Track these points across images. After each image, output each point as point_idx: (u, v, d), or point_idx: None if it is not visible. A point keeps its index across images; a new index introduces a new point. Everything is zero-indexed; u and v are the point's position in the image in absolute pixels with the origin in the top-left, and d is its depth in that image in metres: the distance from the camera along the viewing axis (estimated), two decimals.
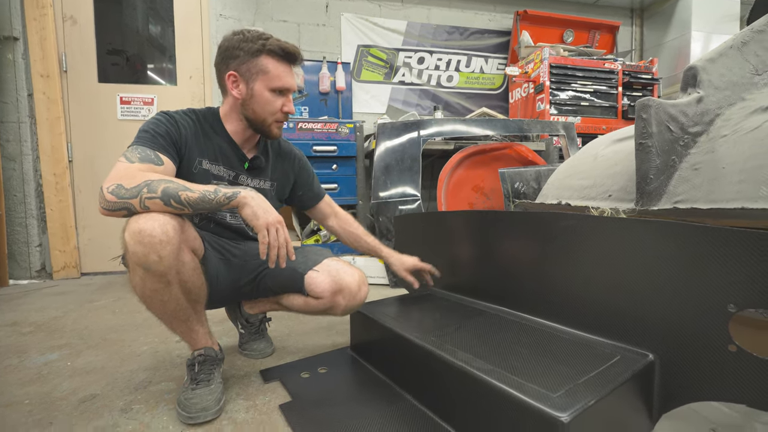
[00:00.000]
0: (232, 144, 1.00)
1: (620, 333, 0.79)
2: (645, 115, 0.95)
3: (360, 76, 2.91)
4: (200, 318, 0.91)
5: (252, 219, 0.79)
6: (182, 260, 0.81)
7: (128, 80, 2.52)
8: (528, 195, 1.96)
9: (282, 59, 0.94)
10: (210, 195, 0.77)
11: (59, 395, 0.93)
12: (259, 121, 0.97)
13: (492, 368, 0.71)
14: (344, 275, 0.99)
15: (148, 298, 0.81)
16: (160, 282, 0.78)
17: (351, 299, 0.98)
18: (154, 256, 0.74)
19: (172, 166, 0.87)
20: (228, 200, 0.79)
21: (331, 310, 1.00)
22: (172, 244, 0.76)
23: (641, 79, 2.78)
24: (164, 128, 0.89)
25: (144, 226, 0.73)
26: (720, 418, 0.79)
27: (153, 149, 0.85)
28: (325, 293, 0.97)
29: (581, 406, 0.59)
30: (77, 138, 2.40)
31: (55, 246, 2.34)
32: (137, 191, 0.74)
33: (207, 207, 0.78)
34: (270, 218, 0.80)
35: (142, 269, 0.75)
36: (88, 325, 1.46)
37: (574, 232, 0.88)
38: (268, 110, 0.96)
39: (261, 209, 0.80)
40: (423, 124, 2.09)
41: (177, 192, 0.75)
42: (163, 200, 0.74)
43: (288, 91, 0.97)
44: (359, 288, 1.00)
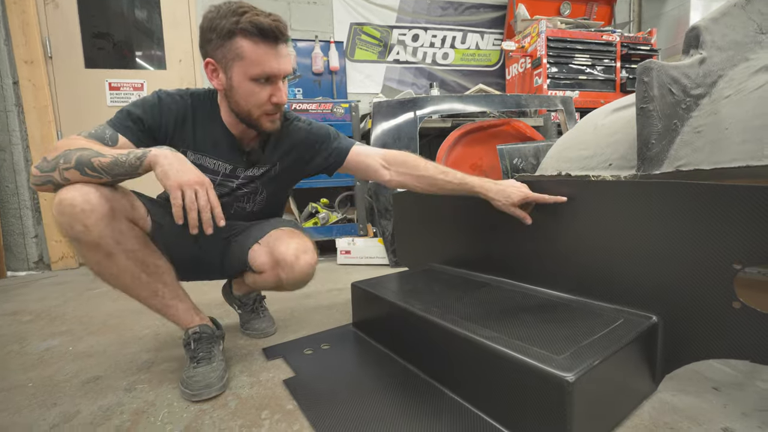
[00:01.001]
0: (229, 136, 0.92)
1: (624, 297, 0.79)
2: (647, 78, 0.92)
3: (354, 56, 2.85)
4: (174, 292, 0.87)
5: (162, 179, 0.71)
6: (119, 229, 0.76)
7: (116, 65, 2.46)
8: (527, 171, 1.94)
9: (260, 39, 0.78)
10: (122, 158, 0.72)
11: (62, 378, 0.93)
12: (245, 115, 0.86)
13: (496, 335, 0.70)
14: (279, 245, 0.90)
15: (99, 273, 0.79)
16: (98, 253, 0.75)
17: (289, 271, 0.89)
18: (78, 225, 0.71)
19: (129, 145, 0.81)
20: (139, 161, 0.72)
21: (280, 286, 0.95)
22: (96, 212, 0.72)
23: (640, 50, 2.72)
24: (140, 110, 0.84)
25: (65, 195, 0.71)
26: (722, 378, 0.80)
27: (115, 129, 0.81)
28: (264, 266, 0.92)
29: (586, 366, 0.59)
30: (67, 126, 2.35)
31: (52, 237, 2.32)
32: (55, 163, 0.71)
33: (122, 171, 0.72)
34: (184, 178, 0.70)
35: (75, 241, 0.74)
36: (88, 312, 1.46)
37: (575, 199, 0.87)
38: (252, 102, 0.83)
39: (173, 169, 0.71)
40: (419, 102, 2.05)
41: (89, 159, 0.71)
42: (77, 169, 0.71)
43: (274, 77, 0.82)
44: (296, 257, 0.89)
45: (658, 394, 0.74)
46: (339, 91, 2.76)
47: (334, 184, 2.29)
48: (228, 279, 1.18)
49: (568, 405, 0.56)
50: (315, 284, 1.68)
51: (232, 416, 0.74)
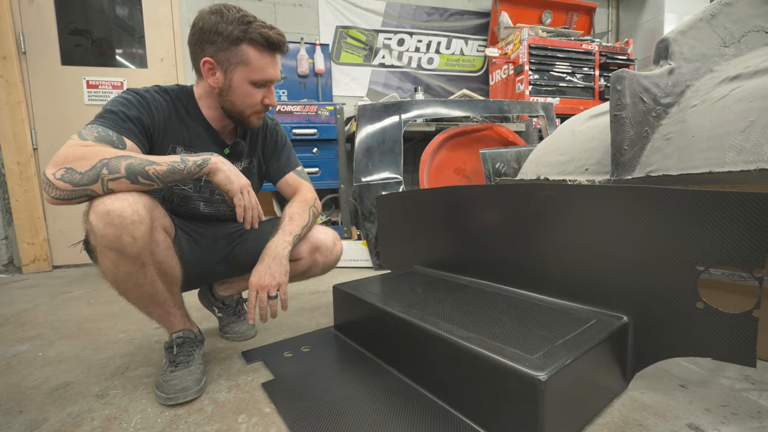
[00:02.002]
0: (211, 130, 0.94)
1: (596, 298, 0.81)
2: (619, 86, 0.96)
3: (339, 59, 2.85)
4: (177, 300, 0.89)
5: (226, 183, 0.79)
6: (156, 240, 0.77)
7: (94, 63, 2.39)
8: (509, 175, 1.98)
9: (265, 49, 0.85)
10: (179, 165, 0.74)
11: (29, 384, 0.90)
12: (237, 113, 0.91)
13: (473, 335, 0.72)
14: (319, 234, 1.02)
15: (122, 283, 0.77)
16: (134, 264, 0.74)
17: (329, 254, 1.02)
18: (127, 237, 0.70)
19: (138, 151, 0.80)
20: (199, 168, 0.77)
21: (309, 271, 1.03)
22: (144, 224, 0.73)
23: (617, 60, 2.82)
24: (134, 111, 0.81)
25: (112, 206, 0.69)
26: (688, 375, 0.83)
27: (117, 132, 0.77)
28: (302, 253, 0.99)
29: (558, 365, 0.60)
30: (42, 124, 2.27)
31: (23, 239, 2.23)
32: (95, 174, 0.68)
33: (177, 178, 0.75)
34: (242, 181, 0.81)
35: (115, 252, 0.72)
36: (60, 316, 1.41)
37: (551, 203, 0.90)
38: (247, 103, 0.89)
39: (233, 173, 0.80)
40: (404, 106, 2.07)
41: (143, 167, 0.71)
42: (129, 179, 0.70)
43: (270, 83, 0.90)
44: (334, 244, 1.04)
45: (628, 392, 0.77)
46: (324, 93, 2.76)
47: (319, 186, 2.28)
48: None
49: (540, 403, 0.57)
50: (298, 286, 1.67)
51: (208, 420, 0.73)
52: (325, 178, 2.30)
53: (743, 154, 0.75)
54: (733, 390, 0.76)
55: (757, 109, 0.78)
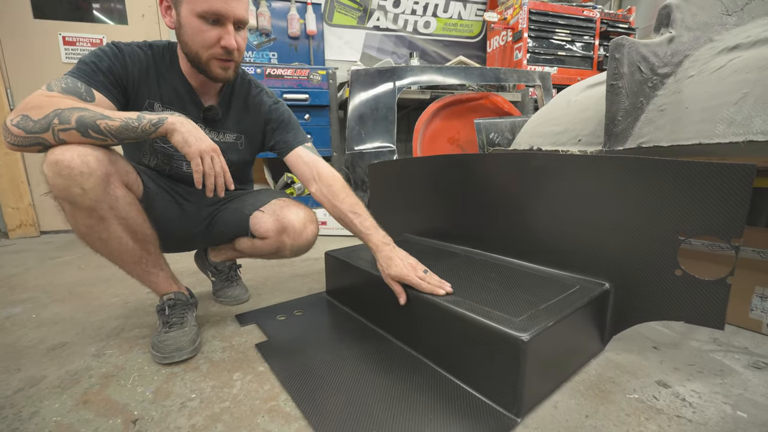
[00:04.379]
0: (187, 86, 0.90)
1: (582, 266, 0.84)
2: (618, 54, 0.94)
3: (332, 20, 2.72)
4: (157, 261, 0.88)
5: (183, 146, 0.74)
6: (113, 194, 0.76)
7: (70, 17, 2.25)
8: (503, 145, 1.97)
9: None
10: (133, 122, 0.71)
11: (26, 344, 0.91)
12: (193, 56, 0.82)
13: (460, 300, 0.74)
14: (288, 213, 0.94)
15: (86, 236, 0.78)
16: (90, 217, 0.74)
17: (296, 238, 0.94)
18: (76, 188, 0.70)
19: (109, 104, 0.78)
20: (154, 127, 0.73)
21: (279, 252, 0.97)
22: (95, 176, 0.71)
23: (618, 28, 2.74)
24: (107, 63, 0.79)
25: (61, 156, 0.68)
26: (661, 338, 0.88)
27: (87, 84, 0.76)
28: (269, 233, 0.93)
29: (540, 327, 0.63)
30: (18, 83, 2.16)
31: (7, 203, 2.19)
32: (47, 123, 0.67)
33: (132, 136, 0.72)
34: (203, 145, 0.75)
35: (68, 204, 0.72)
36: (52, 280, 1.41)
37: (542, 172, 0.90)
38: (199, 42, 0.80)
39: (192, 136, 0.74)
40: (398, 72, 2.01)
41: (94, 120, 0.69)
42: (79, 131, 0.69)
43: (222, 18, 0.78)
44: (304, 226, 0.95)
45: (605, 353, 0.81)
46: (316, 57, 2.65)
47: None
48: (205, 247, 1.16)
49: (522, 362, 0.61)
50: None
51: (203, 378, 0.76)
52: (317, 145, 2.24)
53: (733, 126, 0.76)
54: (701, 351, 0.82)
55: (752, 80, 0.78)
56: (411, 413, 0.63)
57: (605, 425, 0.60)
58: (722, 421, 0.61)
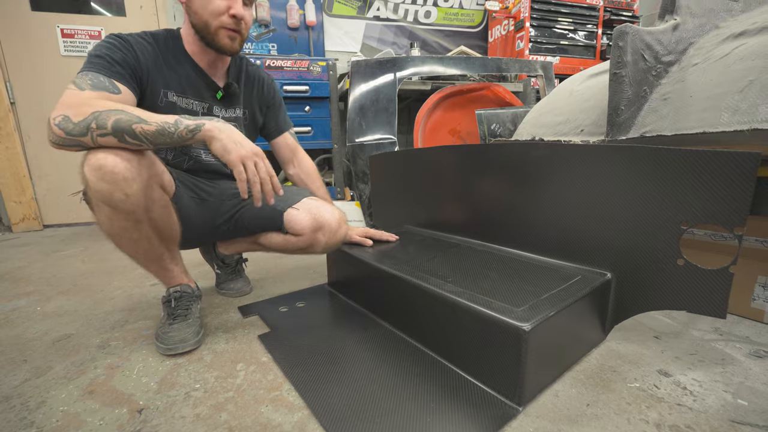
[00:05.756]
0: (199, 71, 0.91)
1: (584, 256, 0.84)
2: (621, 42, 0.93)
3: (332, 10, 2.69)
4: (174, 257, 0.90)
5: (223, 154, 0.72)
6: (151, 197, 0.77)
7: (68, 9, 2.23)
8: (504, 136, 1.96)
9: None
10: (170, 128, 0.70)
11: (31, 336, 0.92)
12: (202, 26, 0.84)
13: (462, 290, 0.74)
14: (324, 212, 0.95)
15: (117, 237, 0.77)
16: (128, 220, 0.74)
17: (331, 236, 0.96)
18: (119, 194, 0.70)
19: (131, 96, 0.78)
20: (191, 134, 0.71)
21: (310, 248, 0.97)
22: (138, 181, 0.71)
23: (622, 16, 2.70)
24: (119, 54, 0.78)
25: (104, 162, 0.68)
26: (663, 327, 0.88)
27: (107, 76, 0.75)
28: (305, 230, 0.94)
29: (542, 317, 0.63)
30: (17, 77, 2.15)
31: (10, 197, 2.19)
32: (86, 126, 0.66)
33: (168, 141, 0.71)
34: (243, 151, 0.72)
35: (108, 207, 0.71)
36: (56, 273, 1.42)
37: (543, 162, 0.90)
38: (209, 10, 0.82)
39: (231, 141, 0.72)
40: (399, 62, 1.99)
41: (130, 125, 0.68)
42: (116, 136, 0.68)
43: None
44: (339, 225, 0.97)
45: (606, 342, 0.81)
46: (316, 48, 2.63)
47: (311, 146, 2.24)
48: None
49: (523, 352, 0.61)
50: None
51: (207, 368, 0.76)
52: (318, 137, 2.25)
53: (738, 115, 0.75)
54: (703, 340, 0.82)
55: (758, 68, 0.76)
56: (413, 402, 0.64)
57: (606, 413, 0.61)
58: (722, 409, 0.61)
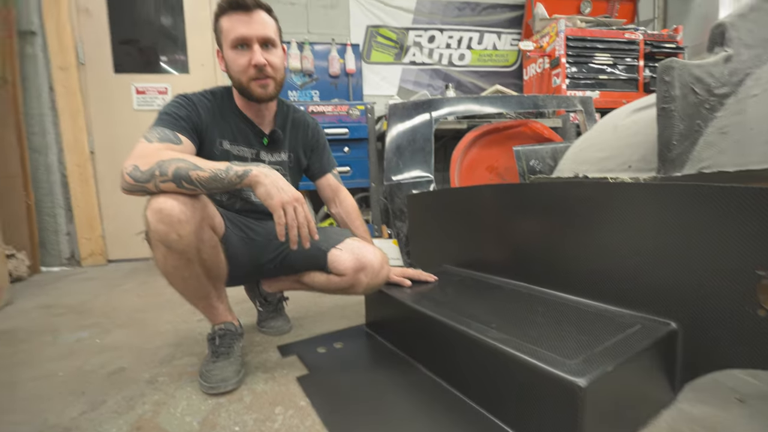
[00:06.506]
0: (247, 121, 1.00)
1: (641, 302, 0.77)
2: (667, 77, 0.90)
3: (370, 58, 2.87)
4: (220, 295, 0.94)
5: (266, 198, 0.76)
6: (202, 238, 0.82)
7: (142, 70, 2.56)
8: (544, 173, 1.91)
9: (232, 11, 0.88)
10: (221, 174, 0.77)
11: (90, 368, 0.98)
12: (237, 85, 0.94)
13: (506, 337, 0.70)
14: (367, 253, 0.97)
15: (170, 275, 0.83)
16: (180, 259, 0.80)
17: (373, 277, 0.97)
18: (174, 234, 0.76)
19: (191, 145, 0.88)
20: (240, 179, 0.77)
21: (352, 288, 0.98)
22: (191, 224, 0.78)
23: (665, 48, 2.63)
24: (184, 111, 0.90)
25: (163, 205, 0.75)
26: (747, 389, 0.77)
27: (172, 130, 0.86)
28: (348, 270, 0.95)
29: (599, 372, 0.58)
30: (97, 129, 2.46)
31: (82, 234, 2.43)
32: (150, 174, 0.74)
33: (220, 186, 0.77)
34: (285, 196, 0.76)
35: (164, 247, 0.78)
36: (115, 306, 1.53)
37: (590, 201, 0.86)
38: (237, 69, 0.91)
39: (275, 187, 0.76)
40: (434, 103, 2.05)
41: (187, 172, 0.75)
42: (174, 182, 0.75)
43: (246, 40, 0.88)
44: (381, 266, 0.98)
45: (677, 403, 0.72)
46: (355, 92, 2.79)
47: (350, 185, 2.30)
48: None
49: (580, 411, 0.55)
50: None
51: (247, 410, 0.76)
52: (356, 176, 2.33)
53: None
54: None
55: None
56: None
57: None
58: None
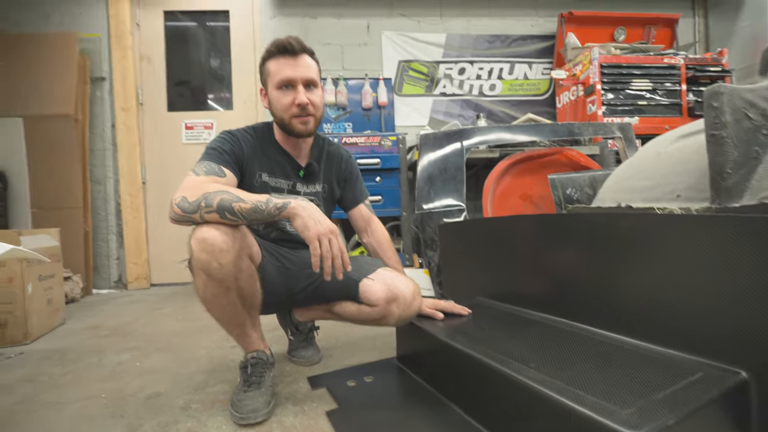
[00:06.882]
0: (285, 154, 1.06)
1: (701, 346, 0.70)
2: (716, 103, 0.86)
3: (401, 91, 2.96)
4: (254, 323, 0.96)
5: (303, 230, 0.79)
6: (240, 267, 0.85)
7: (192, 108, 2.79)
8: (582, 201, 1.84)
9: (279, 55, 0.97)
10: (261, 205, 0.80)
11: (130, 392, 1.01)
12: (280, 121, 1.00)
13: (548, 379, 0.65)
14: (399, 284, 0.96)
15: (209, 302, 0.86)
16: (219, 287, 0.83)
17: (405, 308, 0.95)
18: (215, 263, 0.79)
19: (234, 178, 0.94)
20: (279, 211, 0.80)
21: (383, 320, 0.97)
22: (231, 253, 0.81)
23: (709, 72, 2.53)
24: (228, 146, 0.97)
25: (207, 235, 0.79)
26: None
27: (218, 164, 0.92)
28: (380, 301, 0.94)
29: (659, 425, 0.52)
30: (149, 161, 2.68)
31: (130, 259, 2.60)
32: (197, 205, 0.79)
33: (260, 218, 0.81)
34: (321, 229, 0.79)
35: (205, 275, 0.81)
36: (155, 330, 1.59)
37: (637, 233, 0.81)
38: (280, 107, 0.98)
39: (312, 220, 0.79)
40: (465, 133, 2.06)
41: (231, 204, 0.79)
42: (218, 213, 0.79)
43: (292, 81, 0.96)
44: (414, 298, 0.97)
45: None
46: (387, 124, 2.87)
47: (381, 214, 2.32)
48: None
49: None
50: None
51: None
52: (387, 206, 2.35)
53: None
54: None
55: None
56: None
57: None
58: None
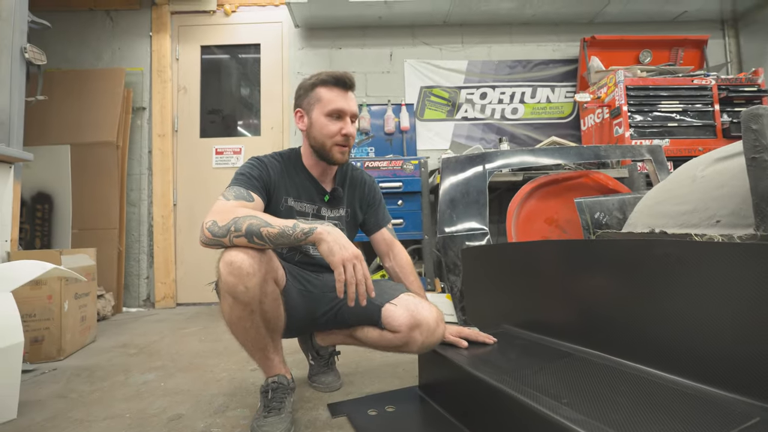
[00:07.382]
0: (312, 179, 1.09)
1: (754, 386, 0.64)
2: (755, 125, 0.82)
3: (423, 116, 3.01)
4: (276, 347, 0.95)
5: (328, 255, 0.80)
6: (265, 291, 0.86)
7: (222, 134, 2.93)
8: (611, 226, 1.77)
9: (334, 86, 1.02)
10: (288, 230, 0.82)
11: (152, 412, 1.02)
12: (319, 146, 1.03)
13: (584, 419, 0.61)
14: (422, 310, 0.94)
15: (233, 324, 0.87)
16: (245, 310, 0.84)
17: (429, 335, 0.93)
18: (241, 286, 0.81)
19: (261, 203, 0.97)
20: (305, 236, 0.82)
21: (406, 346, 0.95)
22: (257, 276, 0.82)
23: (744, 92, 2.44)
24: (257, 171, 1.00)
25: (235, 258, 0.81)
26: None
27: (246, 189, 0.96)
28: (402, 327, 0.92)
29: None
30: (181, 185, 2.81)
31: (159, 279, 2.68)
32: (226, 229, 0.82)
33: (286, 242, 0.83)
34: (346, 254, 0.79)
35: (231, 297, 0.83)
36: (179, 350, 1.61)
37: (674, 260, 0.76)
38: (325, 134, 1.01)
39: (337, 245, 0.80)
40: (488, 156, 2.05)
41: (259, 228, 0.81)
42: (246, 237, 0.81)
43: (342, 113, 1.01)
44: (437, 324, 0.94)
45: None
46: (409, 148, 2.90)
47: (403, 237, 2.32)
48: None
49: None
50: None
51: None
52: (409, 229, 2.35)
53: None
54: None
55: None
56: None
57: None
58: None
